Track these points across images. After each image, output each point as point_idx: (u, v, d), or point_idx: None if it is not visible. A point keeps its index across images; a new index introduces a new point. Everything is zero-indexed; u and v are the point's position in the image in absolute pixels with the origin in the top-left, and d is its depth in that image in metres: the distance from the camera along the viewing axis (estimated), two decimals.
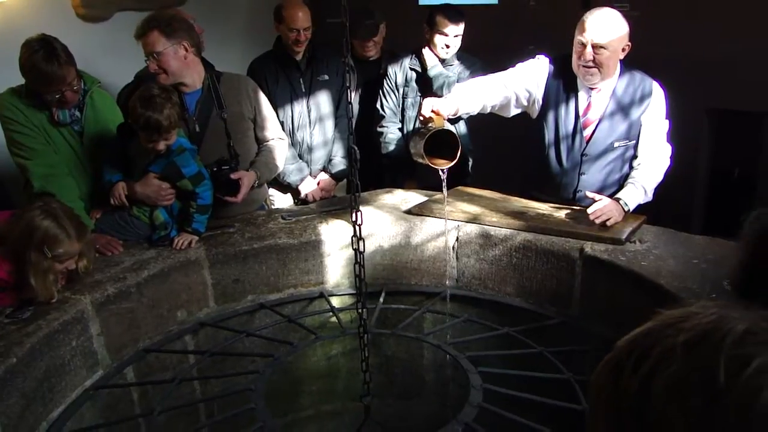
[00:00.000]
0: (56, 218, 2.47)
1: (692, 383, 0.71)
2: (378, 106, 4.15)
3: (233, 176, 3.26)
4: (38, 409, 2.30)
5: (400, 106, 4.12)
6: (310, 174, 4.14)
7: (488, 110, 3.20)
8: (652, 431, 0.73)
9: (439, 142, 2.75)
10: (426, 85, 4.02)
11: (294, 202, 4.15)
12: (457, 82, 3.79)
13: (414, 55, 4.07)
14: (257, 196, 3.63)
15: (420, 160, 2.82)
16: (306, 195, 4.11)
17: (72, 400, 2.47)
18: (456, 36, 3.91)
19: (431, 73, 3.92)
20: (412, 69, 4.05)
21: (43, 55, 2.83)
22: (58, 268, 2.52)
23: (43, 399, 2.33)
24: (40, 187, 2.96)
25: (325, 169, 4.22)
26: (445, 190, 2.93)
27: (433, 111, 2.82)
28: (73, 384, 2.49)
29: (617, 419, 0.78)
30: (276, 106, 3.81)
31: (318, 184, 4.18)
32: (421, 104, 2.87)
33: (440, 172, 2.84)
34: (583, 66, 3.00)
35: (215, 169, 3.22)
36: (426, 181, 3.71)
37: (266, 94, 3.65)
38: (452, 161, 2.80)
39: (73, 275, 2.65)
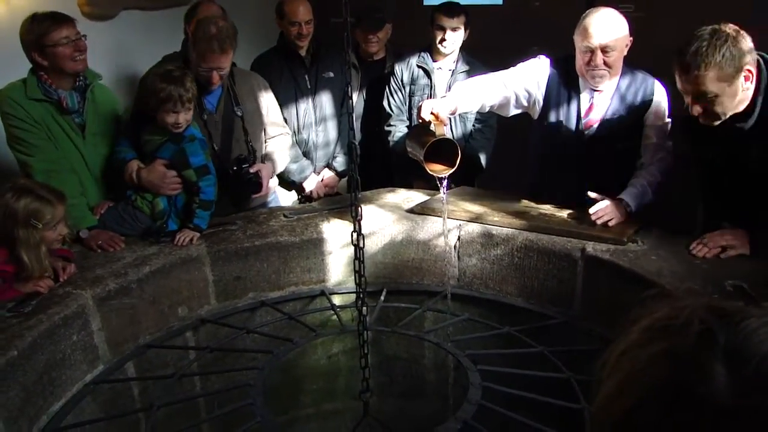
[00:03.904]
0: (30, 191, 2.50)
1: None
2: (384, 104, 4.15)
3: (252, 169, 3.33)
4: (39, 402, 2.31)
5: (407, 104, 4.12)
6: (314, 171, 4.15)
7: (486, 109, 3.20)
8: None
9: (439, 147, 2.74)
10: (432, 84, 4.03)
11: (298, 199, 4.16)
12: None
13: (421, 53, 4.07)
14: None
15: (417, 160, 2.82)
16: (310, 191, 4.12)
17: (72, 394, 2.47)
18: (454, 30, 3.91)
19: None
20: (419, 67, 4.05)
21: (42, 14, 2.94)
22: (52, 237, 2.55)
23: (44, 392, 2.34)
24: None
25: (329, 166, 4.22)
26: (444, 190, 2.91)
27: (432, 113, 2.80)
28: (74, 378, 2.50)
29: None
30: (281, 102, 3.83)
31: (321, 180, 4.19)
32: (419, 107, 2.86)
33: (438, 180, 2.84)
34: (593, 70, 3.00)
35: (235, 168, 3.27)
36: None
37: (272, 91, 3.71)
38: (451, 168, 2.79)
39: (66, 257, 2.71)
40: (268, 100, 3.63)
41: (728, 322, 0.72)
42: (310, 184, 4.12)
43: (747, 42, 2.44)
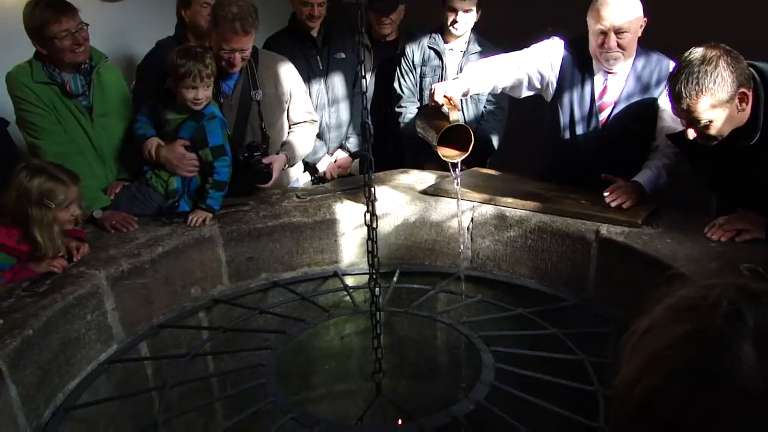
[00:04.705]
0: (44, 171, 2.52)
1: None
2: (396, 85, 4.12)
3: (265, 161, 3.29)
4: (54, 381, 2.33)
5: (418, 85, 4.09)
6: (327, 152, 4.14)
7: (499, 90, 3.18)
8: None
9: (452, 131, 2.73)
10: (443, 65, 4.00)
11: (311, 180, 4.14)
12: None
13: (433, 34, 4.04)
14: (283, 178, 3.64)
15: (428, 142, 2.81)
16: (323, 172, 4.11)
17: (87, 373, 2.49)
18: (466, 11, 3.84)
19: None
20: (430, 48, 4.01)
21: (45, 2, 2.90)
22: (65, 217, 2.56)
23: (59, 371, 2.35)
24: None
25: (342, 147, 4.21)
26: (457, 172, 2.91)
27: (445, 96, 2.79)
28: (88, 357, 2.51)
29: None
30: None
31: (335, 161, 4.17)
32: (431, 90, 2.84)
33: (450, 166, 2.84)
34: (606, 52, 2.97)
35: (246, 154, 3.24)
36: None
37: None
38: (464, 153, 2.78)
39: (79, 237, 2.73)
40: (293, 86, 3.55)
41: (758, 304, 0.70)
42: (324, 165, 4.12)
43: (739, 62, 2.39)
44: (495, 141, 4.06)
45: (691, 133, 2.50)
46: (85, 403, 2.38)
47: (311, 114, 3.68)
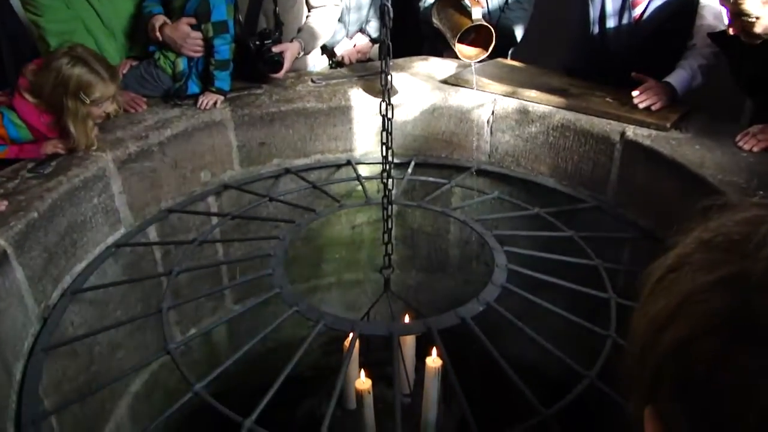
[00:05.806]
0: (86, 63, 2.41)
1: None
2: None
3: (275, 49, 3.13)
4: (61, 263, 2.31)
5: None
6: (347, 35, 3.95)
7: None
8: None
9: (472, 28, 2.59)
10: None
11: (329, 64, 3.98)
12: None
13: None
14: (299, 65, 3.48)
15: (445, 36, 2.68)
16: (342, 56, 3.94)
17: (95, 257, 2.47)
18: None
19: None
20: None
21: None
22: (97, 113, 2.49)
23: (66, 254, 2.33)
24: (57, 46, 2.81)
25: (362, 30, 4.01)
26: (474, 65, 2.79)
27: None
28: (95, 240, 2.49)
29: None
30: None
31: (354, 46, 3.99)
32: None
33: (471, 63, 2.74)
34: None
35: (257, 42, 3.09)
36: None
37: None
38: (485, 53, 2.65)
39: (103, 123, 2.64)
40: None
41: None
42: (342, 49, 3.94)
43: None
44: (518, 32, 3.85)
45: (732, 29, 2.34)
46: (92, 286, 2.38)
47: None
